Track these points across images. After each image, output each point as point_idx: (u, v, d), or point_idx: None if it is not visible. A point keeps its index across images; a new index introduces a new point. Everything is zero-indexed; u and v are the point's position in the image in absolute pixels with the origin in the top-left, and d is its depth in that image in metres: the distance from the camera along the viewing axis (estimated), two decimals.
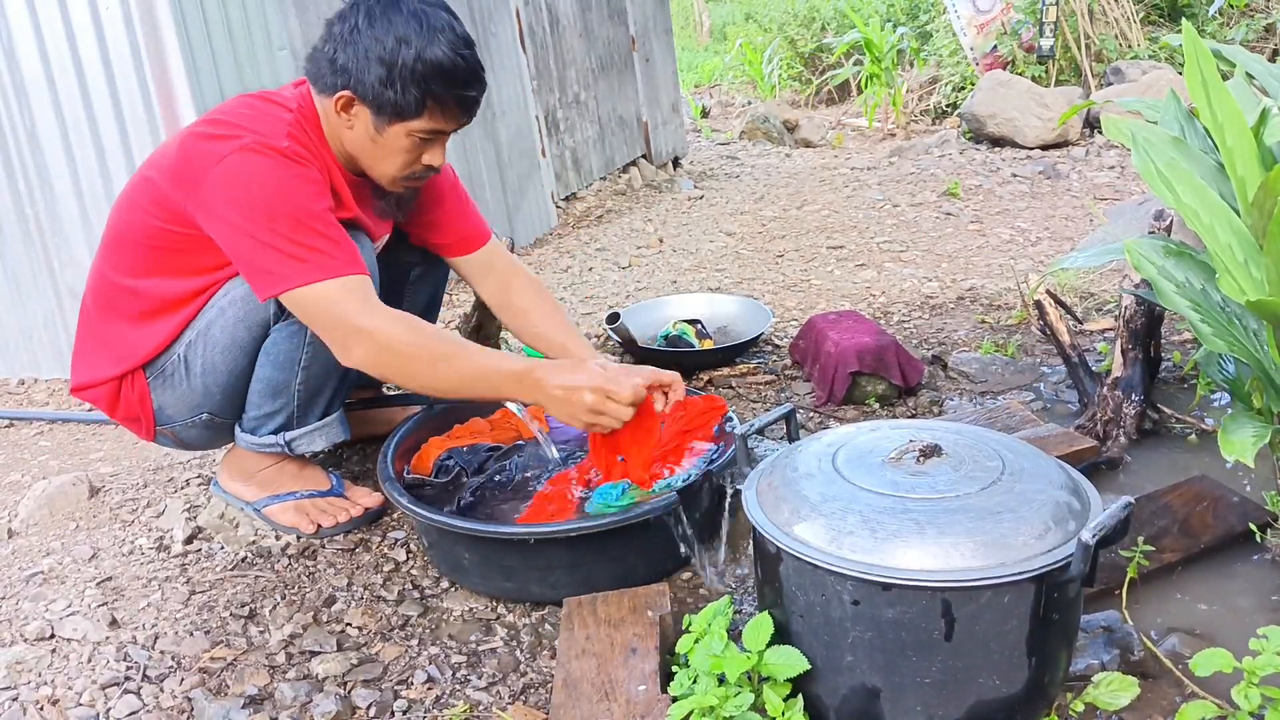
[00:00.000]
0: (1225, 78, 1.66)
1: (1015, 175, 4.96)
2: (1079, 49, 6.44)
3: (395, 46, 1.59)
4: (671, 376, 1.66)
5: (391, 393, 2.28)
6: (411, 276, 2.10)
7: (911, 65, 8.49)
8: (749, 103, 9.63)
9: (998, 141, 5.80)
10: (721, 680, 1.25)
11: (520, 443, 2.01)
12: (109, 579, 1.79)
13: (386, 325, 1.58)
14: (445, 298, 3.54)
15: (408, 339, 1.59)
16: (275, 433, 1.83)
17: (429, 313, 2.20)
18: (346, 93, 1.64)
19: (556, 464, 1.88)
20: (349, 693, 1.48)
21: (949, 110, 7.56)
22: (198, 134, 1.66)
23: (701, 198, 5.18)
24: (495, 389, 1.64)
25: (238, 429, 1.86)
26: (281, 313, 1.70)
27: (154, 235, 1.69)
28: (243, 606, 1.69)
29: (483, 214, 2.08)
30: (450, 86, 1.63)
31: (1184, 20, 1.83)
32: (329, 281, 1.57)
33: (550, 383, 1.59)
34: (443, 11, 1.64)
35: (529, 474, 1.89)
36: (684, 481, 1.66)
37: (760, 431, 1.51)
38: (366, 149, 1.70)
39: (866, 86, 8.51)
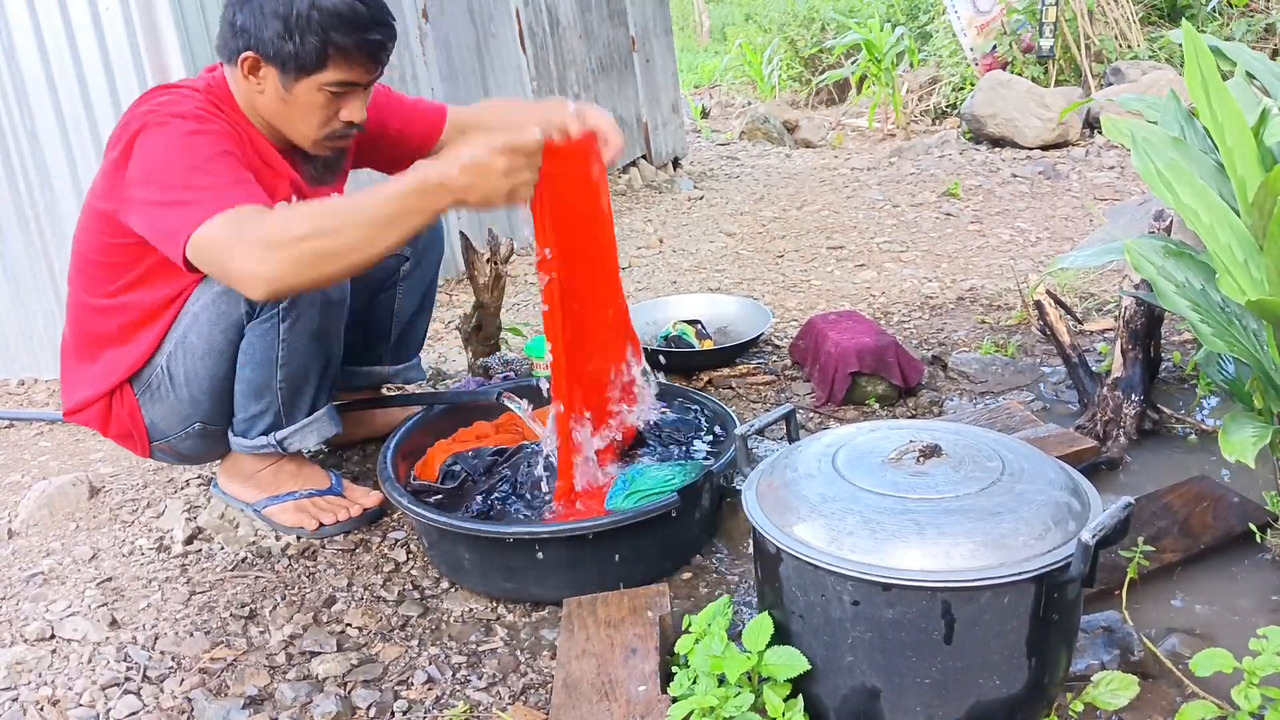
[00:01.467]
0: (1226, 77, 1.66)
1: (1015, 175, 4.96)
2: (1079, 49, 6.44)
3: None
4: (560, 112, 1.59)
5: (391, 394, 2.28)
6: (400, 272, 2.10)
7: (911, 66, 8.49)
8: (749, 103, 9.63)
9: (998, 142, 5.80)
10: (721, 681, 1.25)
11: (526, 445, 2.01)
12: (109, 579, 1.79)
13: (260, 228, 1.42)
14: (445, 298, 3.55)
15: (286, 226, 1.42)
16: (266, 433, 1.83)
17: (423, 310, 2.20)
18: (249, 53, 1.62)
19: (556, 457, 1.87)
20: (349, 693, 1.48)
21: (949, 110, 7.56)
22: (114, 137, 1.64)
23: (701, 198, 5.18)
24: (406, 213, 1.43)
25: (231, 434, 1.86)
26: (253, 312, 1.69)
27: (109, 252, 1.70)
28: (243, 607, 1.69)
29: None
30: (350, 31, 1.60)
31: (1184, 19, 1.83)
32: (214, 218, 1.44)
33: (453, 170, 1.42)
34: None
35: (538, 476, 1.88)
36: (684, 483, 1.65)
37: (760, 432, 1.51)
38: (280, 111, 1.67)
39: (866, 87, 8.51)
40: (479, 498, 1.79)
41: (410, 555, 1.83)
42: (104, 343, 1.79)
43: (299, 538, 1.88)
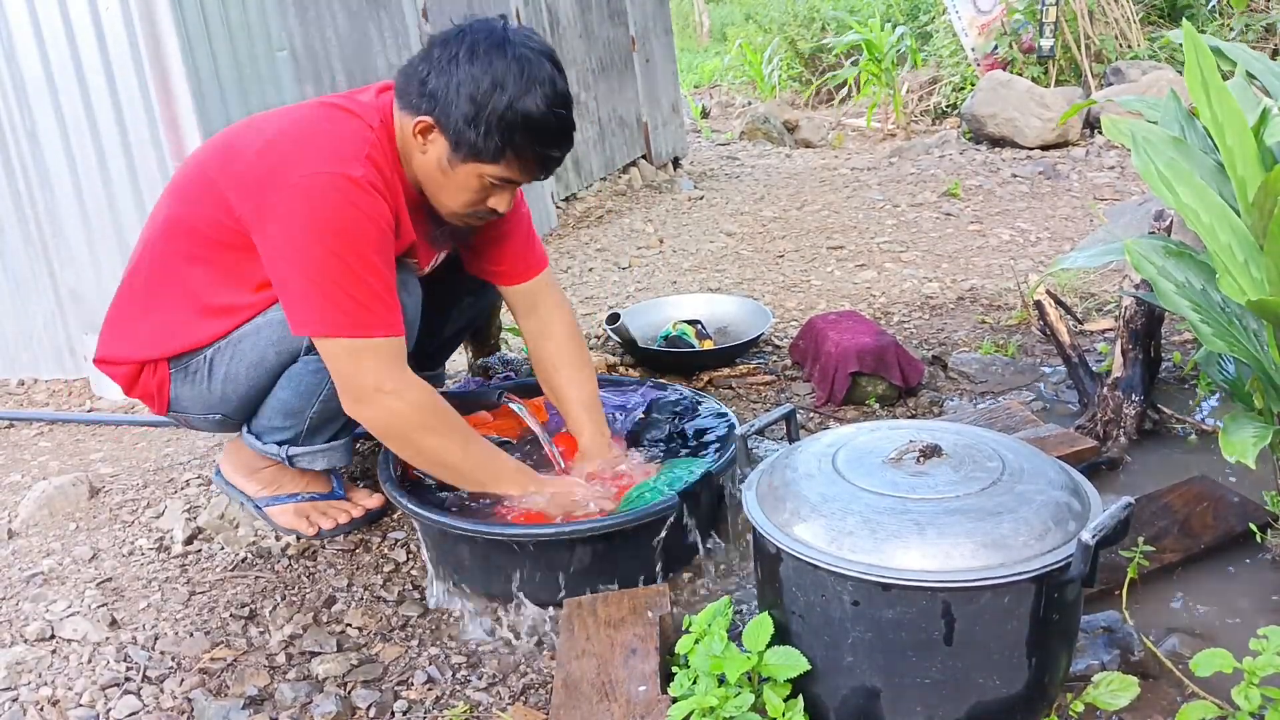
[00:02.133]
0: (1226, 77, 1.66)
1: (1015, 175, 4.96)
2: (1079, 49, 6.44)
3: (490, 88, 1.53)
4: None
5: None
6: (463, 304, 2.11)
7: (911, 66, 8.49)
8: (749, 103, 9.63)
9: (998, 142, 5.80)
10: (722, 681, 1.25)
11: (527, 435, 2.00)
12: (109, 580, 1.79)
13: (403, 399, 1.59)
14: None
15: (419, 420, 1.61)
16: (280, 444, 1.83)
17: (464, 332, 2.23)
18: (428, 119, 1.58)
19: (558, 456, 1.87)
20: (349, 693, 1.48)
21: (949, 110, 7.56)
22: (273, 143, 1.61)
23: (701, 198, 5.18)
24: (501, 489, 1.70)
25: (245, 429, 1.85)
26: (313, 347, 1.68)
27: (219, 230, 1.65)
28: (243, 607, 1.69)
29: None
30: (534, 142, 1.58)
31: (1184, 19, 1.83)
32: (362, 340, 1.56)
33: (548, 499, 1.67)
34: (548, 63, 1.58)
35: (540, 468, 1.87)
36: (685, 483, 1.65)
37: (760, 432, 1.51)
38: (434, 178, 1.65)
39: (866, 87, 8.51)
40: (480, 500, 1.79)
41: (410, 555, 1.83)
42: (174, 302, 1.73)
43: (298, 538, 1.88)
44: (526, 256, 1.95)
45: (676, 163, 6.08)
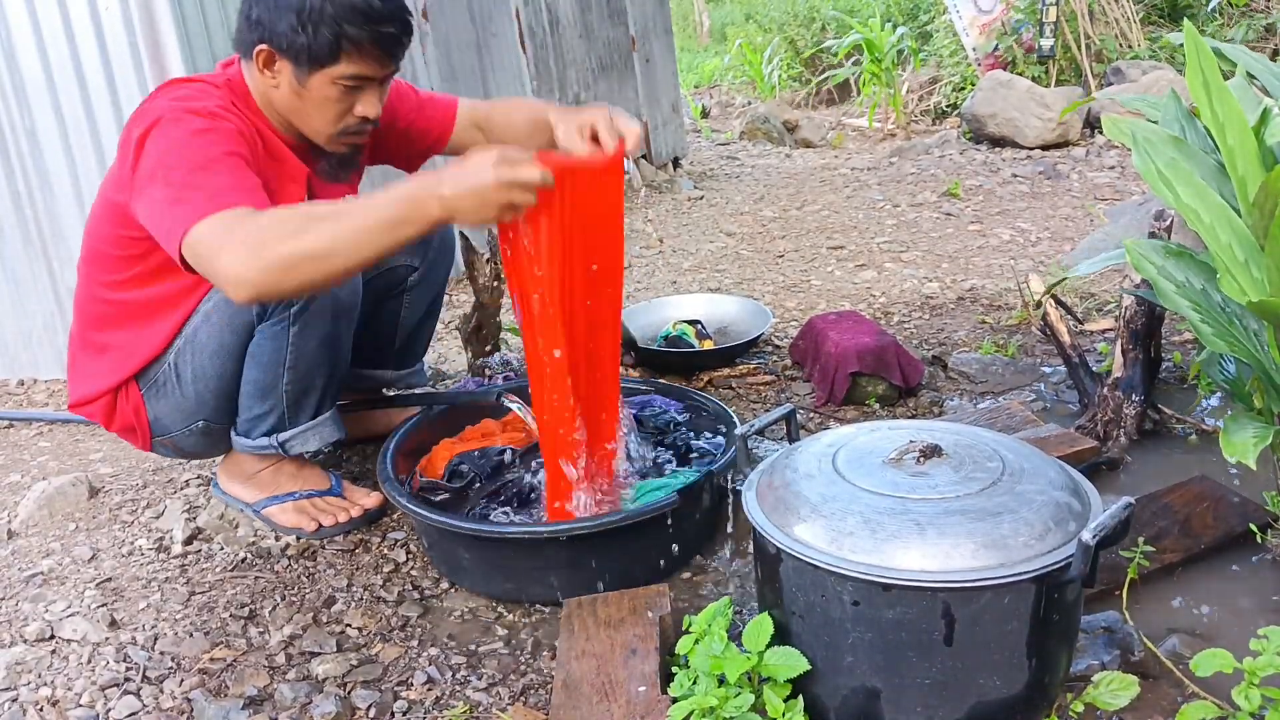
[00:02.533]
0: (1226, 77, 1.66)
1: (1015, 175, 4.96)
2: (1079, 49, 6.44)
3: None
4: (591, 120, 1.58)
5: (391, 394, 2.28)
6: (409, 282, 2.08)
7: (911, 66, 8.49)
8: (749, 103, 9.63)
9: (998, 142, 5.80)
10: (721, 681, 1.25)
11: (535, 445, 2.00)
12: (109, 580, 1.79)
13: (247, 230, 1.40)
14: (445, 298, 3.54)
15: (272, 229, 1.40)
16: (268, 434, 1.83)
17: (429, 319, 2.19)
18: (264, 46, 1.61)
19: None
20: (349, 693, 1.48)
21: (949, 110, 7.56)
22: (127, 130, 1.62)
23: (701, 198, 5.18)
24: (394, 223, 1.40)
25: (233, 433, 1.86)
26: (264, 314, 1.69)
27: (121, 244, 1.70)
28: (242, 607, 1.69)
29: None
30: (364, 24, 1.58)
31: (1185, 20, 1.83)
32: (208, 218, 1.42)
33: (445, 189, 1.39)
34: None
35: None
36: (685, 483, 1.65)
37: (760, 432, 1.51)
38: (294, 105, 1.66)
39: (866, 87, 8.51)
40: (484, 500, 1.79)
41: (410, 555, 1.83)
42: (113, 336, 1.78)
43: (298, 538, 1.88)
44: (435, 110, 1.94)
45: (676, 163, 6.08)
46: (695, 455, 1.94)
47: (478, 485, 1.85)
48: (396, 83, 1.91)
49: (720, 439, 1.96)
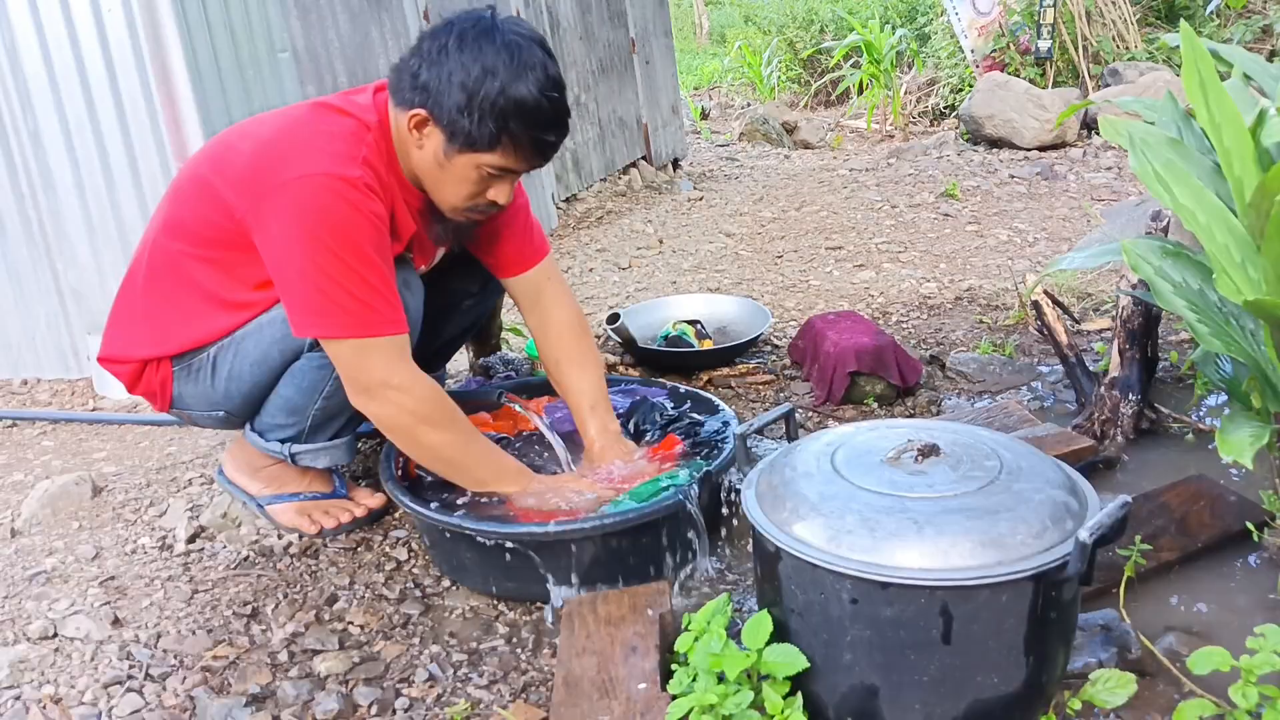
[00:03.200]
0: (1223, 78, 1.67)
1: (1013, 176, 4.97)
2: (1076, 51, 6.46)
3: (481, 76, 1.53)
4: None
5: None
6: (464, 306, 2.10)
7: (910, 67, 8.50)
8: (748, 105, 9.64)
9: (995, 143, 5.81)
10: (721, 678, 1.26)
11: (524, 433, 2.01)
12: (112, 578, 1.80)
13: (408, 394, 1.61)
14: None
15: (424, 414, 1.63)
16: (283, 442, 1.84)
17: (465, 335, 2.22)
18: (422, 111, 1.58)
19: (564, 453, 1.87)
20: (350, 691, 1.48)
21: (947, 112, 7.57)
22: (270, 146, 1.61)
23: (701, 199, 5.19)
24: (485, 479, 1.73)
25: (249, 427, 1.86)
26: (315, 344, 1.69)
27: (217, 229, 1.66)
28: (245, 605, 1.70)
29: None
30: (529, 127, 1.57)
31: (1181, 21, 1.84)
32: (366, 339, 1.58)
33: (535, 487, 1.70)
34: (538, 49, 1.58)
35: (536, 466, 1.87)
36: (685, 483, 1.66)
37: (759, 431, 1.52)
38: (432, 173, 1.65)
39: (865, 88, 8.52)
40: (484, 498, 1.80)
41: (412, 554, 1.84)
42: (175, 302, 1.73)
43: (300, 537, 1.88)
44: (524, 247, 1.95)
45: (676, 164, 6.09)
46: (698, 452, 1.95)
47: None
48: (520, 192, 1.92)
49: (717, 426, 1.97)
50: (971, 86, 6.67)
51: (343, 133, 1.61)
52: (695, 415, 2.02)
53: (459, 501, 1.75)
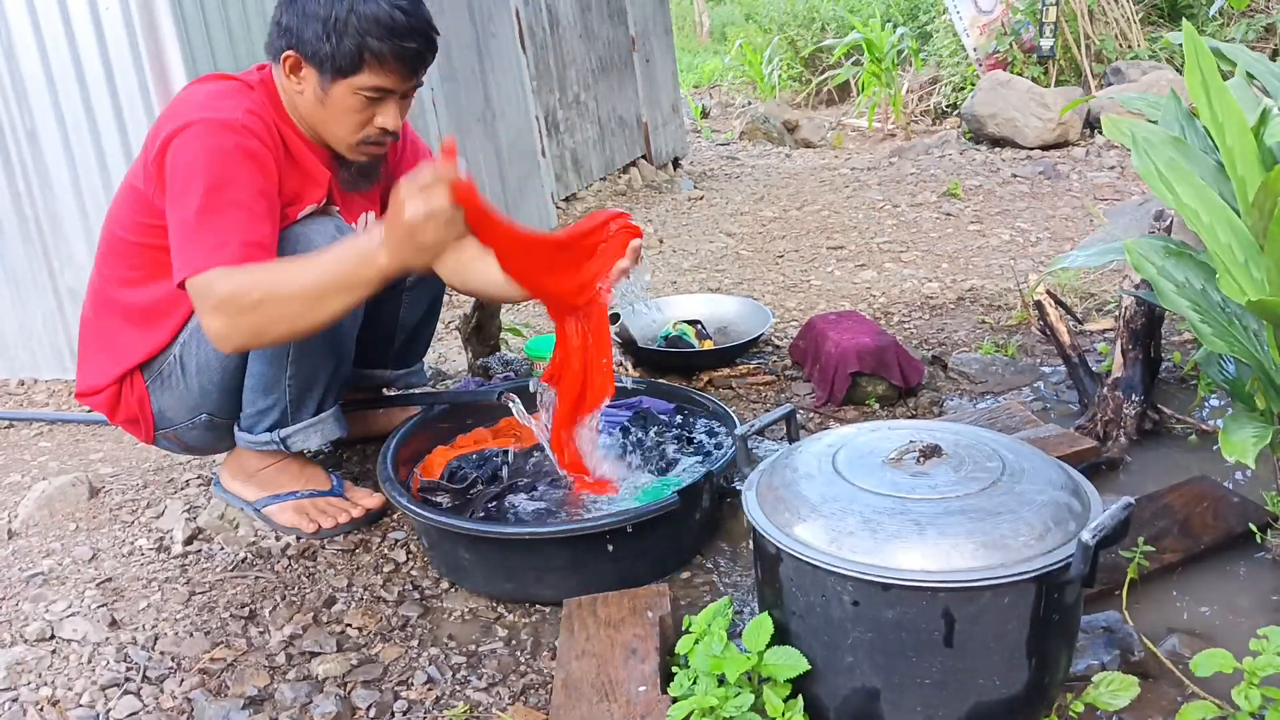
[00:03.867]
0: (1226, 78, 1.66)
1: (1015, 175, 4.96)
2: (1079, 49, 6.45)
3: (330, 1, 1.61)
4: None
5: (391, 393, 2.28)
6: (406, 282, 2.07)
7: (911, 66, 8.49)
8: (749, 103, 9.63)
9: (998, 142, 5.81)
10: (721, 681, 1.25)
11: (528, 448, 2.00)
12: (109, 580, 1.79)
13: (221, 293, 1.52)
14: (445, 298, 3.54)
15: (237, 295, 1.51)
16: (270, 430, 1.83)
17: (429, 319, 2.19)
18: (291, 52, 1.66)
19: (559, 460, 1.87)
20: (349, 693, 1.48)
21: (949, 111, 7.56)
22: (159, 125, 1.68)
23: (701, 198, 5.18)
24: (340, 287, 1.52)
25: (237, 429, 1.86)
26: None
27: (141, 232, 1.72)
28: (243, 607, 1.69)
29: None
30: (387, 37, 1.62)
31: (1184, 20, 1.83)
32: (207, 272, 1.53)
33: (380, 236, 1.49)
34: None
35: (546, 477, 1.86)
36: (684, 483, 1.66)
37: (760, 432, 1.51)
38: (317, 112, 1.71)
39: (866, 87, 8.51)
40: (490, 502, 1.79)
41: (410, 556, 1.83)
42: (121, 326, 1.80)
43: (298, 538, 1.88)
44: None
45: (676, 163, 6.08)
46: (697, 457, 1.94)
47: (479, 487, 1.84)
48: (424, 150, 1.99)
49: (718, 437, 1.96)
50: (973, 85, 6.67)
51: (223, 90, 1.69)
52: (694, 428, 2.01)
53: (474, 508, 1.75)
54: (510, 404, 1.97)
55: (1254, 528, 1.63)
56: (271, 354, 1.75)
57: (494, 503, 1.78)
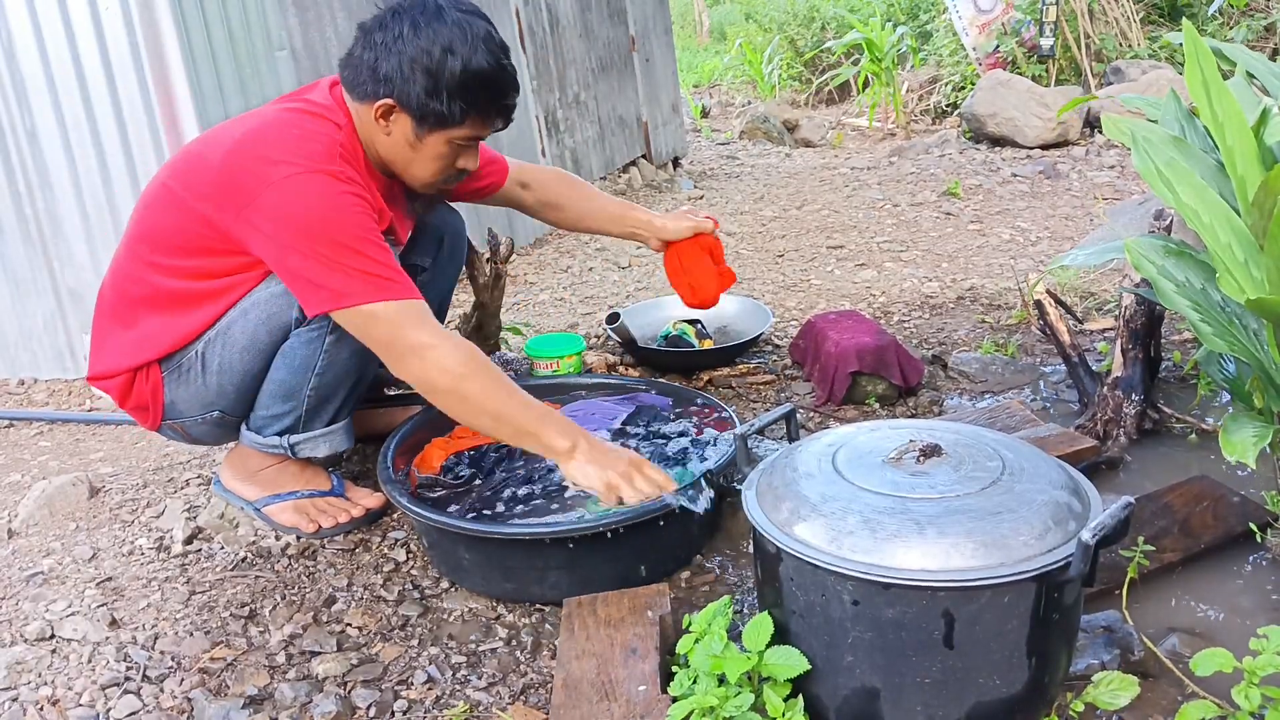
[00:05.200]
0: (1226, 77, 1.66)
1: (1015, 175, 4.96)
2: (1079, 48, 6.44)
3: (441, 57, 1.60)
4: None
5: (392, 393, 2.28)
6: (419, 280, 2.09)
7: (912, 65, 8.49)
8: (749, 103, 9.63)
9: (998, 141, 5.80)
10: (721, 680, 1.25)
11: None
12: (109, 579, 1.79)
13: (444, 350, 1.59)
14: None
15: (463, 369, 1.59)
16: (281, 434, 1.83)
17: (437, 316, 2.20)
18: (389, 101, 1.64)
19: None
20: (349, 693, 1.48)
21: (949, 110, 7.56)
22: (243, 151, 1.62)
23: (701, 198, 5.18)
24: (523, 441, 1.64)
25: (244, 427, 1.86)
26: (303, 319, 1.70)
27: (193, 236, 1.68)
28: (243, 607, 1.69)
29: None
30: (493, 96, 1.66)
31: (1184, 19, 1.84)
32: (390, 303, 1.59)
33: (580, 466, 1.61)
34: (481, 20, 1.66)
35: (546, 473, 1.86)
36: (684, 483, 1.65)
37: (760, 431, 1.51)
38: (403, 155, 1.71)
39: (866, 86, 8.51)
40: (488, 494, 1.79)
41: (410, 555, 1.83)
42: (148, 316, 1.76)
43: (298, 538, 1.88)
44: (491, 170, 2.12)
45: (676, 162, 6.08)
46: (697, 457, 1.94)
47: (478, 481, 1.84)
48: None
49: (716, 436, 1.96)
50: (973, 85, 6.66)
51: (316, 133, 1.66)
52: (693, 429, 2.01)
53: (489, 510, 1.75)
54: None
55: (1254, 527, 1.63)
56: (298, 364, 1.74)
57: (490, 493, 1.78)
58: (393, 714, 1.44)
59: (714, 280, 2.28)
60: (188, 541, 1.89)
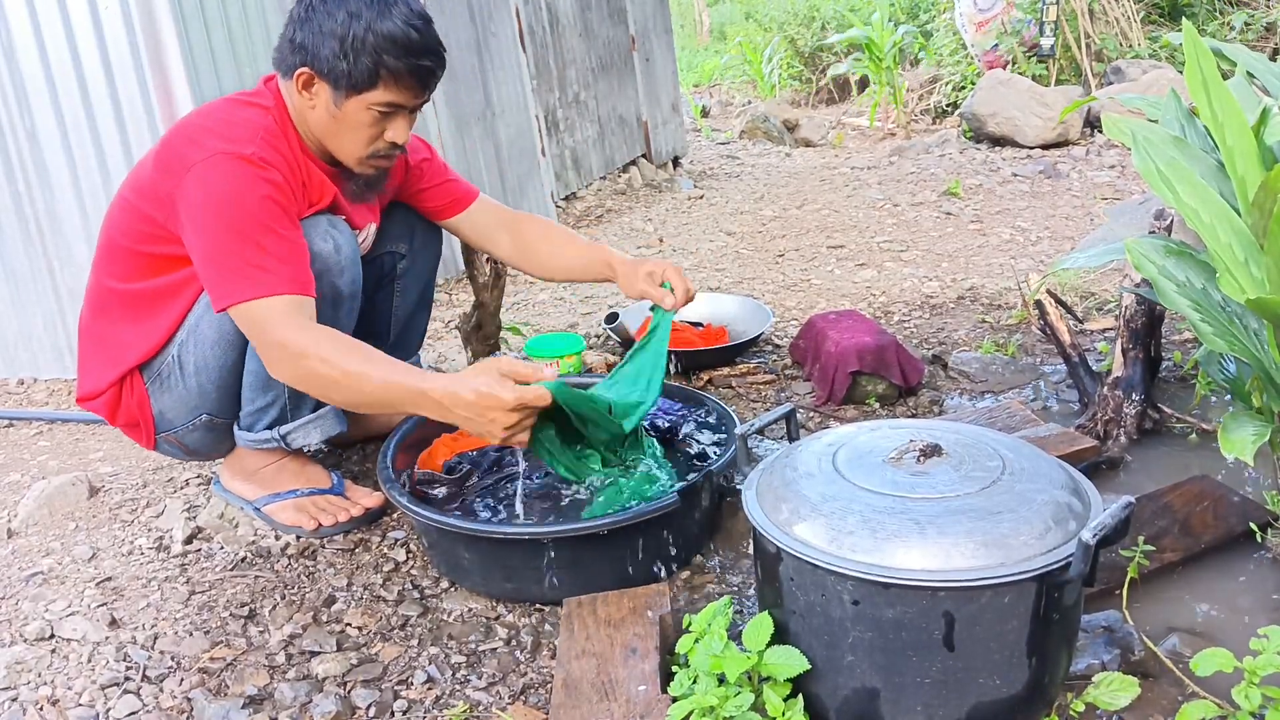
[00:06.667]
0: (1226, 77, 1.66)
1: (1016, 175, 4.96)
2: (1079, 48, 6.44)
3: (347, 20, 1.64)
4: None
5: None
6: (398, 269, 2.11)
7: (912, 65, 8.49)
8: (749, 102, 9.63)
9: (998, 141, 5.80)
10: (721, 680, 1.25)
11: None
12: (109, 579, 1.79)
13: (304, 342, 1.57)
14: (445, 297, 3.55)
15: (322, 355, 1.56)
16: (270, 427, 1.84)
17: (421, 309, 2.21)
18: (305, 70, 1.68)
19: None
20: (349, 693, 1.48)
21: (949, 110, 7.56)
22: (171, 139, 1.71)
23: (701, 197, 5.18)
24: (402, 404, 1.57)
25: (236, 428, 1.86)
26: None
27: (141, 239, 1.74)
28: (242, 606, 1.69)
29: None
30: (403, 56, 1.66)
31: (1184, 19, 1.84)
32: (262, 300, 1.59)
33: (458, 402, 1.50)
34: None
35: (543, 472, 1.86)
36: (685, 483, 1.65)
37: (760, 431, 1.51)
38: (329, 127, 1.73)
39: (867, 86, 8.51)
40: (486, 496, 1.79)
41: (410, 555, 1.83)
42: (117, 327, 1.82)
43: (298, 537, 1.88)
44: (453, 190, 2.08)
45: (676, 162, 6.08)
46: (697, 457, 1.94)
47: (475, 479, 1.84)
48: (433, 156, 2.06)
49: (720, 436, 1.96)
50: (974, 84, 6.66)
51: (240, 118, 1.71)
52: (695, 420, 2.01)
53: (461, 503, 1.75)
54: None
55: (1254, 527, 1.63)
56: None
57: (489, 487, 1.78)
58: (392, 714, 1.44)
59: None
60: (187, 541, 1.89)
